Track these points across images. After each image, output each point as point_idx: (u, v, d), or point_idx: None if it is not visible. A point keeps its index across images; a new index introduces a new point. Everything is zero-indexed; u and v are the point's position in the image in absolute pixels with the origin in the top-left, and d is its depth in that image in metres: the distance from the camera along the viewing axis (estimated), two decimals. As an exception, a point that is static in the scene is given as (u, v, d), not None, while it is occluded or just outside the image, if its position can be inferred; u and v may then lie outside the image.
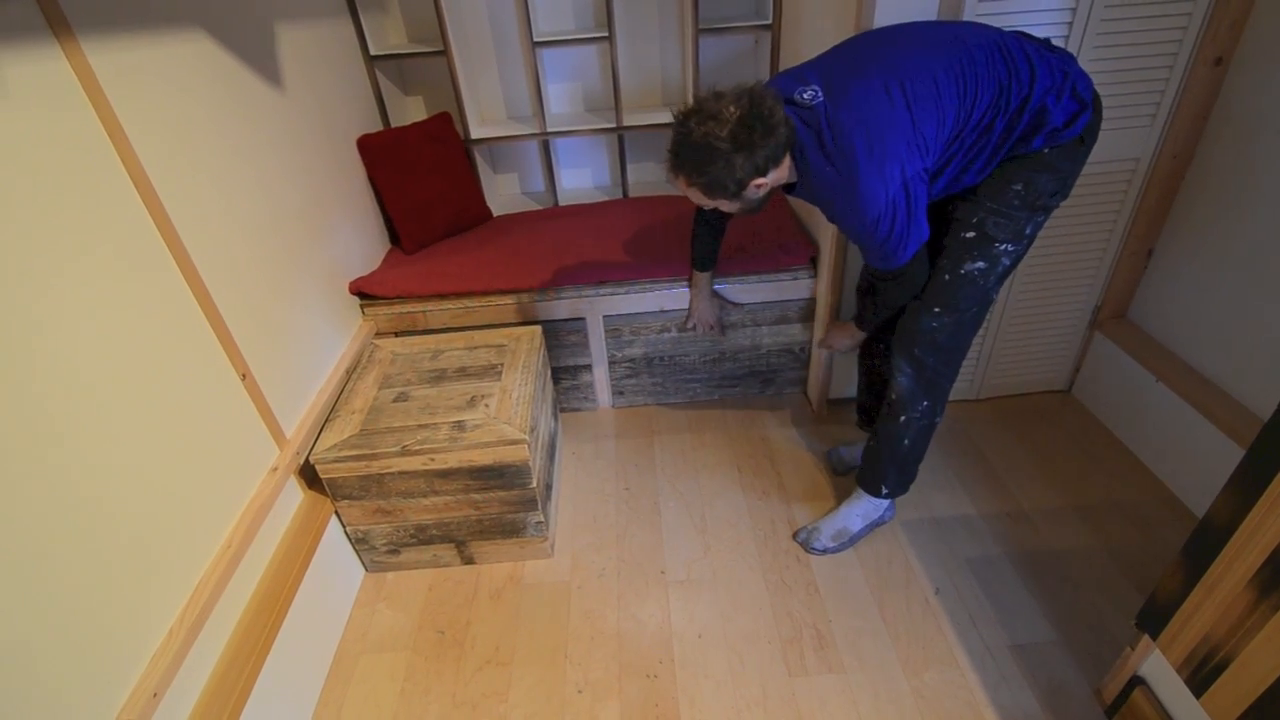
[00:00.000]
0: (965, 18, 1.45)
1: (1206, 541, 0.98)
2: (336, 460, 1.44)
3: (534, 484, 1.52)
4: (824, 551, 1.63)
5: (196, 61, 1.27)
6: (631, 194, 2.45)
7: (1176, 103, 1.59)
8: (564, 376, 2.07)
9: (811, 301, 1.96)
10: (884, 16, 1.44)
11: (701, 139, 1.09)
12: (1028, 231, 1.27)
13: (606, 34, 2.08)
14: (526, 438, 1.45)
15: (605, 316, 1.96)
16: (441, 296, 1.91)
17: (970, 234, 1.27)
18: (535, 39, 2.07)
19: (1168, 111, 1.61)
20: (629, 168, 2.44)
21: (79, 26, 0.99)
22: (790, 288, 1.94)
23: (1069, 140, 1.21)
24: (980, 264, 1.28)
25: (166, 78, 1.18)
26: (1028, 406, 2.05)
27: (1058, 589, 1.51)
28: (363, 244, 1.98)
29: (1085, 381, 2.03)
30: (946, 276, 1.32)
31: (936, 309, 1.35)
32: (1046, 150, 1.21)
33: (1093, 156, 1.63)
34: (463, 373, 1.67)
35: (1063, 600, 1.49)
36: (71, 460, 0.92)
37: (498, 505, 1.54)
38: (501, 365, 1.69)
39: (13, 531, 0.82)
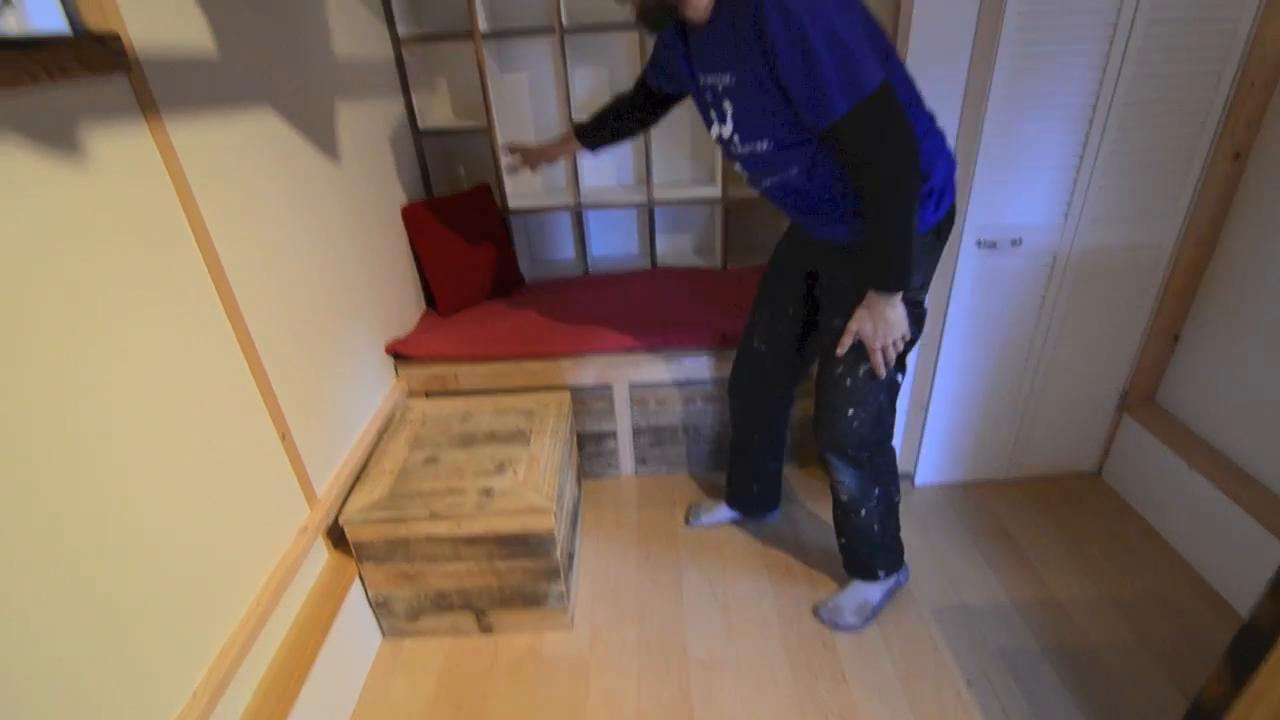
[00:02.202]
0: (997, 64, 1.49)
1: (1251, 647, 0.94)
2: (366, 522, 1.45)
3: (557, 553, 1.51)
4: (850, 629, 1.59)
5: (263, 138, 1.35)
6: (660, 264, 2.51)
7: (1197, 194, 1.64)
8: (588, 443, 2.08)
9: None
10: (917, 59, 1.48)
11: None
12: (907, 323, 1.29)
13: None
14: (553, 506, 1.45)
15: (631, 384, 1.99)
16: (474, 359, 1.95)
17: (855, 340, 1.29)
18: (575, 119, 2.18)
19: (1189, 202, 1.65)
20: (658, 238, 2.52)
21: (165, 106, 1.07)
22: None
23: (928, 229, 1.24)
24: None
25: (236, 152, 1.26)
26: (1057, 489, 2.01)
27: (1094, 685, 1.45)
28: (400, 306, 2.04)
29: (1115, 464, 2.00)
30: (847, 382, 1.34)
31: (850, 411, 1.37)
32: None
33: (1118, 242, 1.69)
34: (492, 437, 1.69)
35: (1100, 698, 1.43)
36: (107, 512, 0.93)
37: (520, 574, 1.53)
38: (530, 430, 1.70)
39: (39, 581, 0.83)
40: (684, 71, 1.28)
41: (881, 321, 1.23)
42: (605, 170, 2.51)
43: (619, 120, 1.55)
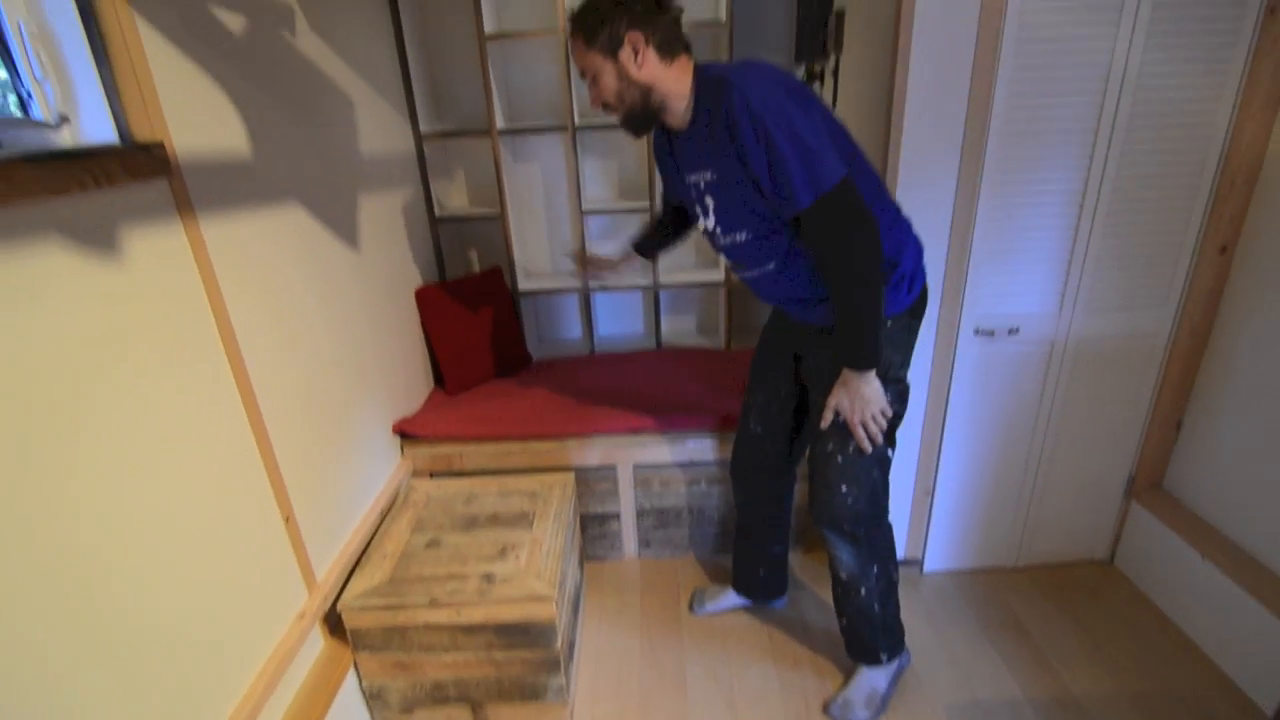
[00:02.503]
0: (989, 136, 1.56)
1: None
2: (364, 608, 1.43)
3: (558, 643, 1.47)
4: None
5: (288, 230, 1.42)
6: (665, 344, 2.56)
7: (1188, 285, 1.68)
8: (592, 524, 2.06)
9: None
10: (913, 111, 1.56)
11: None
12: (890, 399, 1.32)
13: (647, 205, 2.29)
14: (554, 594, 1.43)
15: (636, 465, 1.99)
16: (480, 439, 1.97)
17: (841, 418, 1.34)
18: (584, 207, 2.28)
19: (1181, 292, 1.69)
20: (663, 319, 2.57)
21: (200, 205, 1.14)
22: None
23: (903, 311, 1.31)
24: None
25: (261, 243, 1.32)
26: (1069, 577, 1.97)
27: (1123, 794, 1.38)
28: (409, 385, 2.08)
29: (1127, 552, 1.96)
30: (839, 459, 1.37)
31: (844, 488, 1.39)
32: (888, 322, 1.30)
33: (1114, 330, 1.72)
34: (495, 520, 1.68)
35: (1130, 808, 1.35)
36: (103, 596, 0.93)
37: (519, 666, 1.49)
38: (533, 513, 1.70)
39: (25, 662, 0.83)
40: (672, 171, 1.39)
41: (858, 397, 1.29)
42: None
43: (662, 233, 1.69)
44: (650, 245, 1.71)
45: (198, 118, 1.15)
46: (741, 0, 2.13)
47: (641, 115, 1.24)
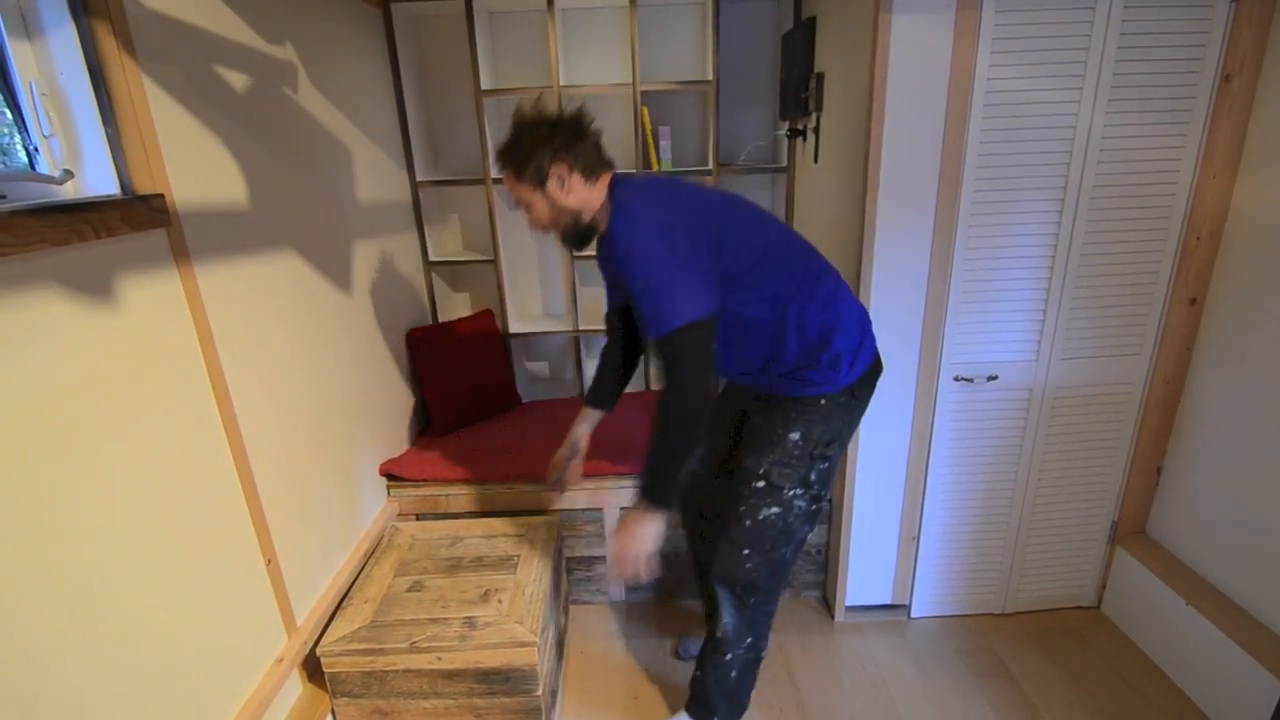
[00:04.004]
0: (958, 226, 1.63)
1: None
2: (343, 653, 1.41)
3: (540, 690, 1.46)
4: None
5: (282, 276, 1.46)
6: (654, 387, 2.59)
7: (1161, 335, 1.73)
8: (577, 567, 2.06)
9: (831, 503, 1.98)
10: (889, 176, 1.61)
11: (522, 122, 1.24)
12: (813, 478, 1.34)
13: (637, 251, 2.34)
14: (537, 640, 1.43)
15: (621, 508, 1.99)
16: (466, 482, 1.97)
17: (760, 483, 1.34)
18: (575, 254, 2.34)
19: (1153, 342, 1.74)
20: (652, 361, 2.60)
21: (196, 254, 1.18)
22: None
23: (840, 390, 1.31)
24: (775, 509, 1.34)
25: (255, 290, 1.36)
26: (1057, 623, 1.96)
27: None
28: (397, 426, 2.09)
29: (1113, 598, 1.96)
30: (748, 522, 1.36)
31: (746, 551, 1.38)
32: (822, 401, 1.31)
33: (1092, 379, 1.76)
34: (479, 563, 1.68)
35: None
36: (82, 635, 0.93)
37: (500, 714, 1.47)
38: (518, 557, 1.70)
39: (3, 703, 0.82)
40: (604, 273, 1.50)
41: (630, 536, 1.27)
42: (604, 297, 2.64)
43: (611, 368, 1.64)
44: (603, 390, 1.65)
45: (198, 170, 1.20)
46: (727, 61, 2.23)
47: (575, 235, 1.32)
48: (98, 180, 1.04)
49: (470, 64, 2.13)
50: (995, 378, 1.75)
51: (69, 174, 0.99)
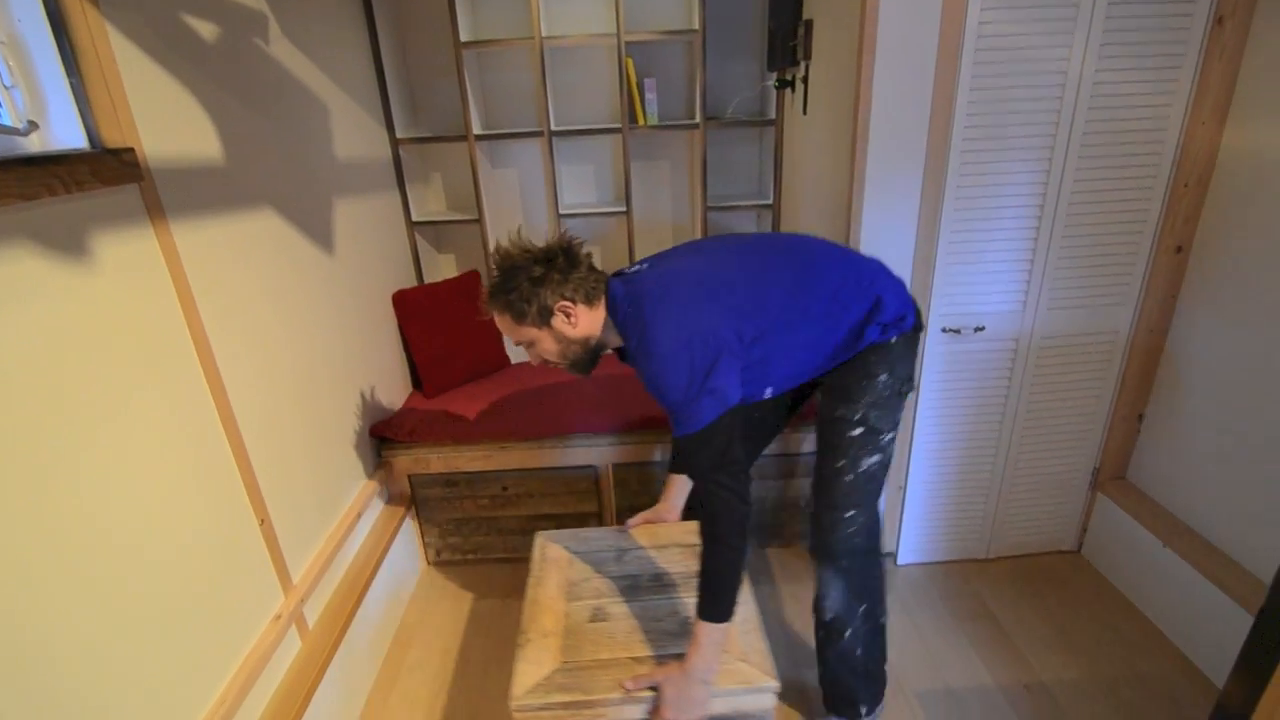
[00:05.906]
0: (948, 179, 1.62)
1: (1226, 730, 0.95)
2: (543, 707, 1.16)
3: None
4: None
5: (263, 235, 1.43)
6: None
7: (1146, 284, 1.74)
8: (569, 524, 2.08)
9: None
10: (871, 209, 1.62)
11: (510, 264, 1.17)
12: (899, 417, 1.32)
13: (625, 209, 2.31)
14: (775, 682, 1.18)
15: (615, 465, 2.01)
16: (457, 442, 1.98)
17: (858, 430, 1.28)
18: (561, 211, 2.31)
19: (1139, 291, 1.75)
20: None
21: (172, 211, 1.15)
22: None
23: (910, 330, 1.29)
24: (876, 457, 1.31)
25: (235, 249, 1.33)
26: (1038, 567, 2.02)
27: (1087, 776, 1.42)
28: (387, 388, 2.08)
29: (1093, 542, 2.02)
30: (849, 477, 1.31)
31: (851, 512, 1.33)
32: (894, 340, 1.27)
33: (1075, 328, 1.78)
34: (659, 582, 1.45)
35: (1093, 790, 1.40)
36: (76, 597, 0.94)
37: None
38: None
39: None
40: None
41: (683, 697, 1.15)
42: (594, 260, 2.61)
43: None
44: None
45: (169, 123, 1.16)
46: (714, 8, 2.17)
47: (586, 360, 1.27)
48: (64, 133, 1.00)
49: (449, 13, 2.06)
50: (982, 328, 1.76)
51: (34, 125, 0.95)
